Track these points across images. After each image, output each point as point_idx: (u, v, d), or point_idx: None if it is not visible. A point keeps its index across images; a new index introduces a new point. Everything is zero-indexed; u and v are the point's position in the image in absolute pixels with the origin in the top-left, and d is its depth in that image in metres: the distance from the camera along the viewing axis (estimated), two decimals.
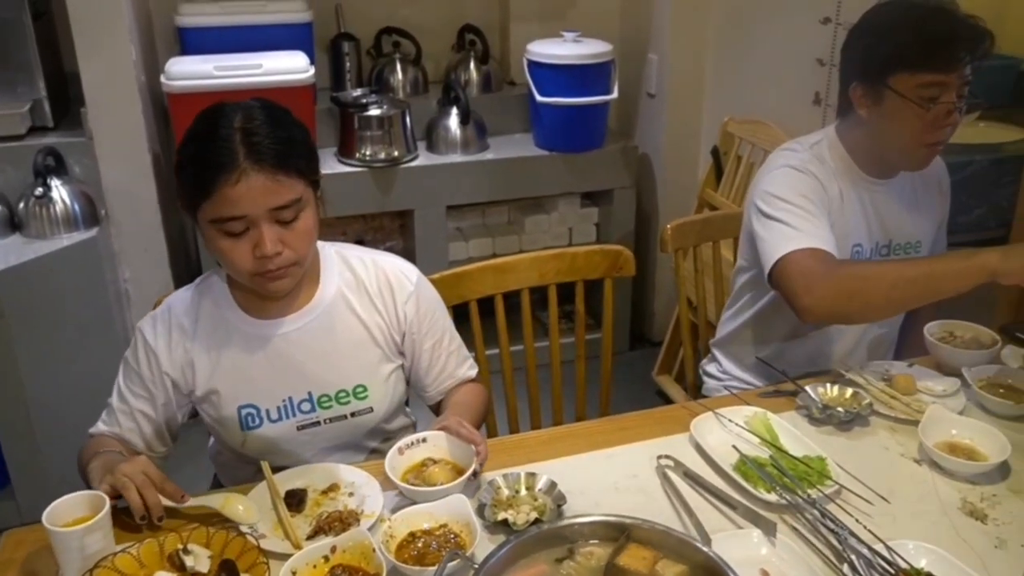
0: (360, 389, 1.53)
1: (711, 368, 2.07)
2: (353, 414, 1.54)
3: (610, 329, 2.03)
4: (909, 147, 1.68)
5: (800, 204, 1.68)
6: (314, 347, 1.51)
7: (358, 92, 3.09)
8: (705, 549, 1.10)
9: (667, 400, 3.15)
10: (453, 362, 1.64)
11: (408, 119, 3.04)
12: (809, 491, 1.35)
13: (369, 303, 1.55)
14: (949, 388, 1.64)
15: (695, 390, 2.16)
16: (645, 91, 3.46)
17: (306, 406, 1.51)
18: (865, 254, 1.80)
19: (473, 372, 1.68)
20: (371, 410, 1.55)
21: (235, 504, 1.31)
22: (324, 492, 1.37)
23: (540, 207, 3.39)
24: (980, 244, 2.85)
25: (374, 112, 2.98)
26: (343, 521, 1.28)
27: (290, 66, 2.76)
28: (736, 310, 1.96)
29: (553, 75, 3.09)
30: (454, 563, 1.13)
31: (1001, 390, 1.64)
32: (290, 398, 1.50)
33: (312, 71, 2.78)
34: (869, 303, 1.61)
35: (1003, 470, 1.44)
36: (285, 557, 1.20)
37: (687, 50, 3.26)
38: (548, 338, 2.03)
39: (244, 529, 1.26)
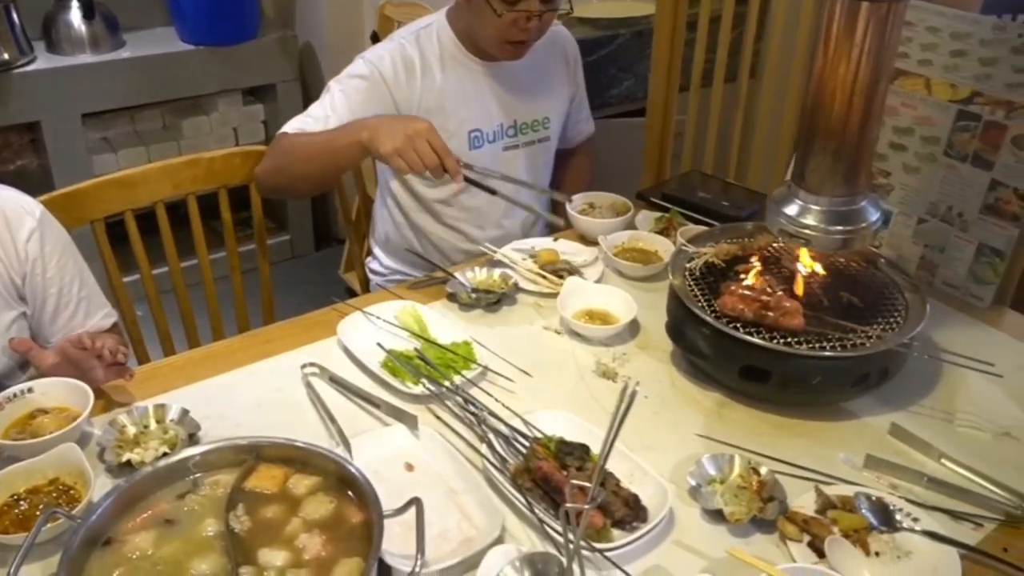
0: None
1: (374, 265, 2.04)
2: None
3: (262, 235, 1.91)
4: (495, 42, 1.69)
5: (333, 94, 1.68)
6: None
7: None
8: (335, 457, 1.06)
9: None
10: (83, 311, 1.47)
11: (15, 15, 2.61)
12: (455, 378, 1.36)
13: None
14: (589, 258, 1.73)
15: (365, 289, 2.12)
16: None
17: None
18: (487, 137, 1.81)
19: (108, 322, 1.52)
20: None
21: None
22: None
23: (199, 108, 3.13)
24: (632, 115, 3.04)
25: None
26: None
27: None
28: (380, 202, 1.92)
29: None
30: (55, 523, 1.00)
31: (634, 253, 1.75)
32: None
33: None
34: (292, 177, 1.67)
35: (633, 329, 1.55)
36: None
37: None
38: (225, 249, 1.88)
39: None
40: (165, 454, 1.16)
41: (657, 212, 1.89)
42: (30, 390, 1.24)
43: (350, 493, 1.04)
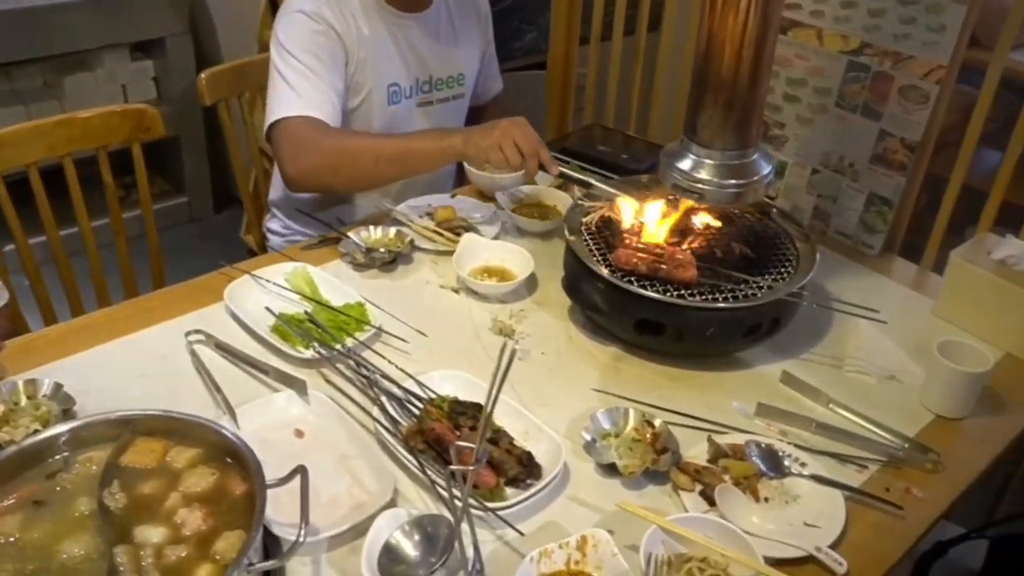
0: None
1: (273, 225, 1.97)
2: None
3: (147, 198, 1.82)
4: None
5: (305, 62, 1.59)
6: None
7: None
8: (216, 427, 1.02)
9: None
10: None
11: None
12: (347, 340, 1.33)
13: None
14: (487, 214, 1.70)
15: (263, 250, 2.05)
16: None
17: None
18: (404, 92, 1.76)
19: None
20: None
21: None
22: None
23: (83, 64, 2.96)
24: (535, 68, 3.00)
25: None
26: None
27: None
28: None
29: None
30: None
31: (533, 209, 1.74)
32: None
33: None
34: (354, 177, 1.63)
35: (531, 285, 1.53)
36: None
37: None
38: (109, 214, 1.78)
39: None
40: (36, 431, 1.10)
41: None
42: None
43: (233, 464, 1.00)
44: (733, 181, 1.34)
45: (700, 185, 1.34)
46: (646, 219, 1.44)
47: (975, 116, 1.59)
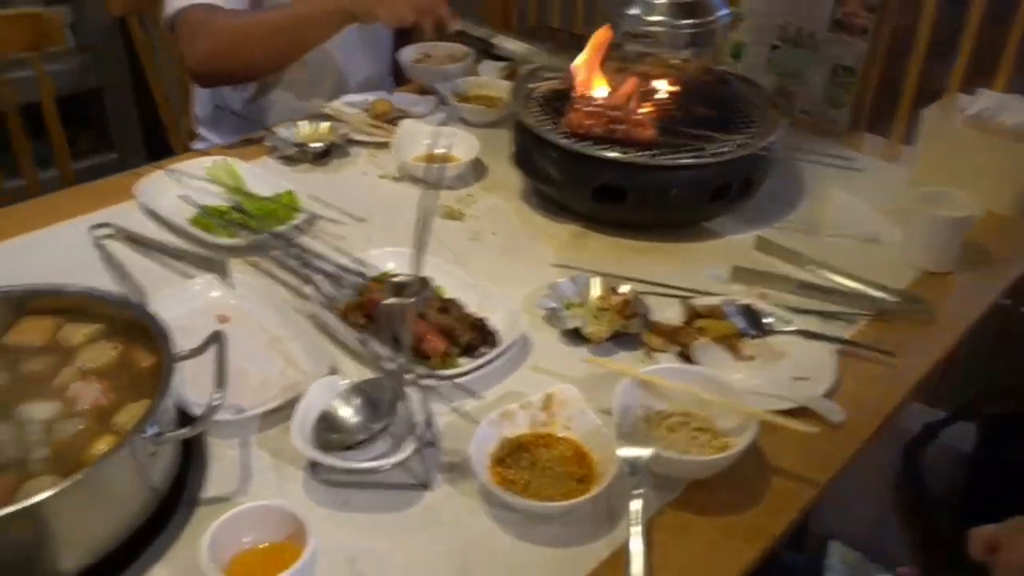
0: None
1: (200, 146, 1.81)
2: None
3: (62, 144, 1.64)
4: None
5: None
6: None
7: None
8: (119, 300, 0.88)
9: None
10: None
11: None
12: (277, 227, 1.19)
13: None
14: (428, 108, 1.57)
15: None
16: None
17: None
18: None
19: None
20: None
21: None
22: None
23: None
24: None
25: None
26: None
27: None
28: None
29: None
30: None
31: (479, 100, 1.61)
32: None
33: None
34: (252, 59, 1.49)
35: (478, 172, 1.41)
36: None
37: None
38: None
39: None
40: None
41: (501, 62, 1.74)
42: None
43: (139, 338, 0.86)
44: (687, 20, 1.22)
45: (653, 28, 1.22)
46: (597, 85, 1.31)
47: None
